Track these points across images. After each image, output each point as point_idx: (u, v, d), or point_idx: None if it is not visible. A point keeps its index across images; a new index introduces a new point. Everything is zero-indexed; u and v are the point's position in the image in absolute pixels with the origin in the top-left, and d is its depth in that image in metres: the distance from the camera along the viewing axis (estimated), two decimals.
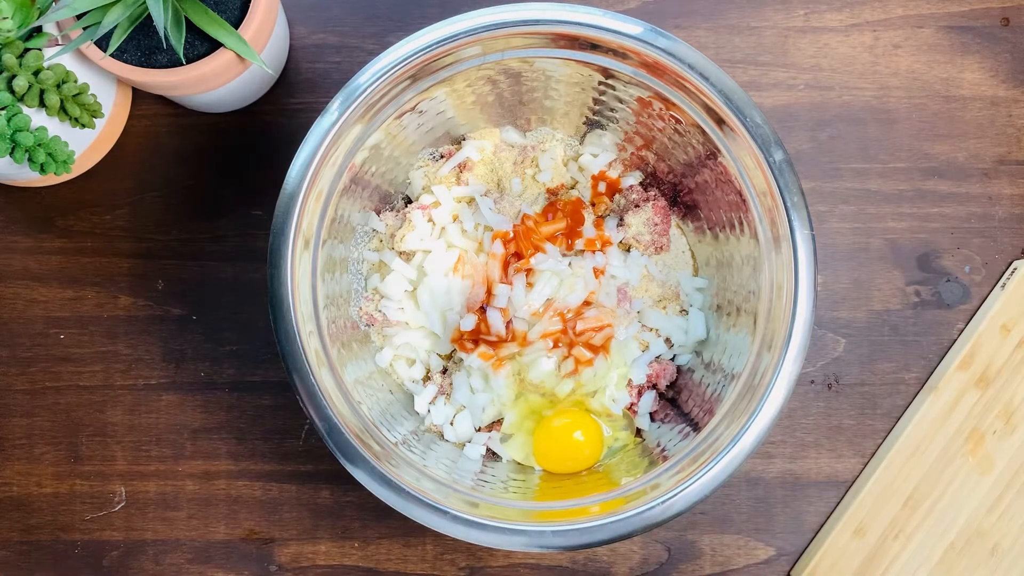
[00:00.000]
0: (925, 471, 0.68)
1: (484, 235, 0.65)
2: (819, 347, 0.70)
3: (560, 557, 0.69)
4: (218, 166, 0.72)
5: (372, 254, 0.67)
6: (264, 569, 0.69)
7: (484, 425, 0.65)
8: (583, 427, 0.63)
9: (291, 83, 0.73)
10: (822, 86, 0.72)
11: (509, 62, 0.60)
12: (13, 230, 0.72)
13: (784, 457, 0.70)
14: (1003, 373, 0.68)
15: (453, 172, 0.67)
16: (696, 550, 0.69)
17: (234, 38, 0.60)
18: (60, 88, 0.61)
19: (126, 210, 0.72)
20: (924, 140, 0.72)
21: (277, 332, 0.55)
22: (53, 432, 0.71)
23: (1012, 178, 0.72)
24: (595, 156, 0.68)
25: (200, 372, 0.71)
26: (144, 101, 0.73)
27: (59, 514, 0.70)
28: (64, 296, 0.71)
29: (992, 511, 0.68)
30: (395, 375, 0.67)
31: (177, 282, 0.71)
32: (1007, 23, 0.73)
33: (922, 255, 0.71)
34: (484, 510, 0.55)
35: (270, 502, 0.70)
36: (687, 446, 0.57)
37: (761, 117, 0.56)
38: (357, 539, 0.69)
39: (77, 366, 0.71)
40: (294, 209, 0.56)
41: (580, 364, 0.63)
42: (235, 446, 0.70)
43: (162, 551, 0.69)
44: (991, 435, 0.68)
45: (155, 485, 0.70)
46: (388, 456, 0.56)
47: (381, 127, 0.60)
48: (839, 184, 0.72)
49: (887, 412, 0.70)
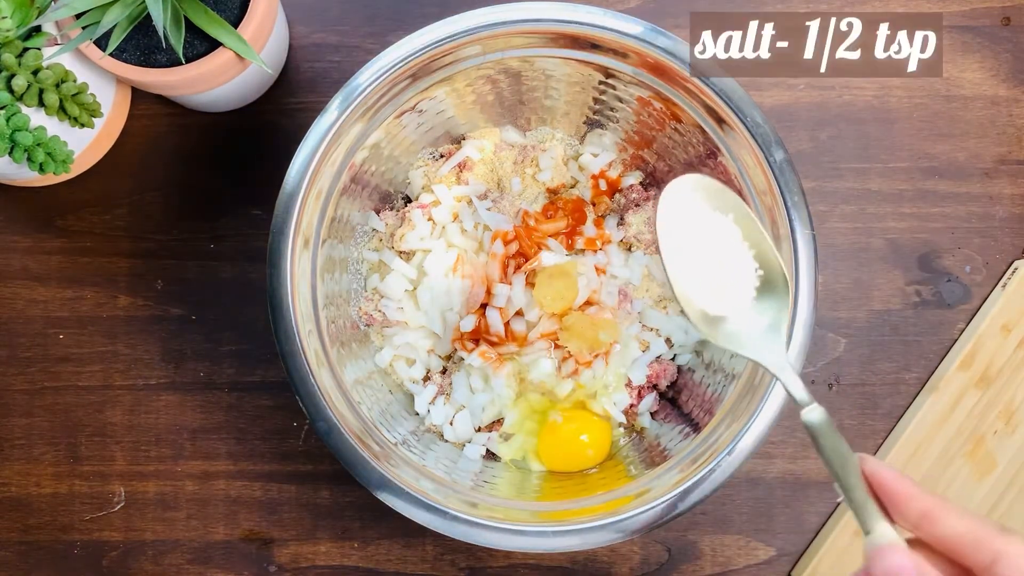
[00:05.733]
0: (926, 471, 0.68)
1: (484, 235, 0.65)
2: (819, 347, 0.70)
3: (560, 557, 0.69)
4: (217, 166, 0.72)
5: (372, 254, 0.67)
6: (263, 569, 0.69)
7: (484, 425, 0.65)
8: (589, 428, 0.63)
9: (291, 82, 0.73)
10: (822, 85, 0.72)
11: (509, 61, 0.60)
12: (12, 230, 0.72)
13: (785, 457, 0.69)
14: (1004, 373, 0.68)
15: (453, 172, 0.67)
16: (696, 550, 0.69)
17: (233, 37, 0.60)
18: (59, 87, 0.61)
19: (125, 210, 0.72)
20: (925, 140, 0.72)
21: (277, 332, 0.55)
22: (52, 432, 0.70)
23: (1013, 178, 0.72)
24: (595, 156, 0.68)
25: (199, 372, 0.71)
26: (143, 100, 0.73)
27: (58, 514, 0.70)
28: (63, 296, 0.71)
29: (993, 511, 0.67)
30: (395, 375, 0.67)
31: (176, 282, 0.71)
32: (1008, 23, 0.73)
33: (923, 255, 0.71)
34: (484, 510, 0.55)
35: (269, 502, 0.70)
36: (687, 446, 0.57)
37: (761, 116, 0.56)
38: (357, 539, 0.69)
39: (76, 366, 0.71)
40: (294, 208, 0.56)
41: (580, 365, 0.63)
42: (234, 446, 0.70)
43: (161, 551, 0.69)
44: (991, 435, 0.68)
45: (154, 485, 0.70)
46: (387, 456, 0.56)
47: (381, 126, 0.60)
48: (839, 184, 0.72)
49: (888, 412, 0.70)
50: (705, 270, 0.47)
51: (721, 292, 0.47)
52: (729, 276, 0.47)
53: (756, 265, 0.47)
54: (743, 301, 0.47)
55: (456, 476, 0.59)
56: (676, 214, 0.47)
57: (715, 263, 0.47)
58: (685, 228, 0.47)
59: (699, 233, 0.47)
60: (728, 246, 0.47)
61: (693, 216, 0.47)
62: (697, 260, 0.47)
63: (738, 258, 0.47)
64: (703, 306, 0.47)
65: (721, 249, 0.47)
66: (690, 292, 0.47)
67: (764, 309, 0.47)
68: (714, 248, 0.47)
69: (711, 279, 0.47)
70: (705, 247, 0.47)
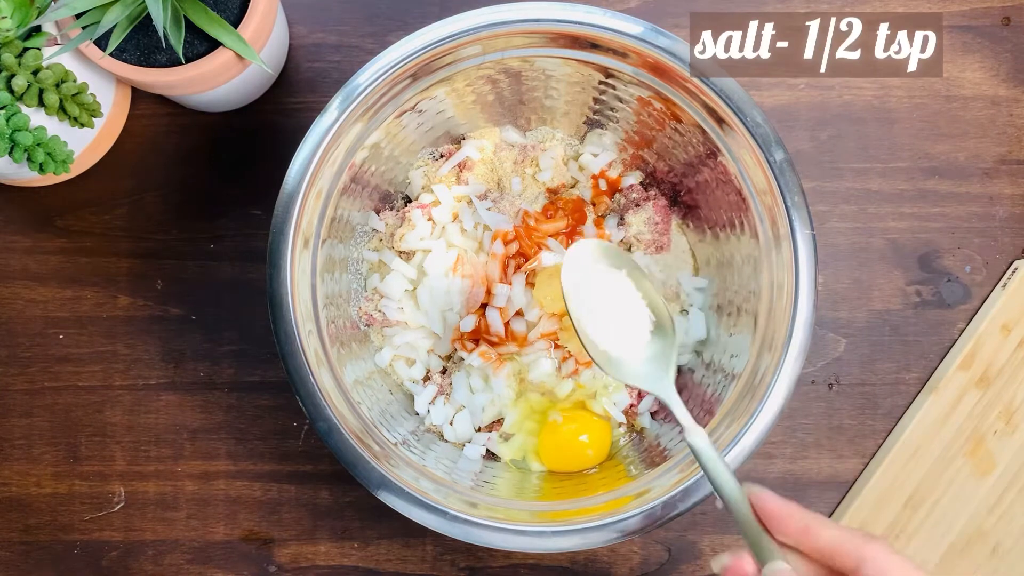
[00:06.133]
0: (926, 471, 0.68)
1: (484, 235, 0.65)
2: (820, 347, 0.70)
3: (560, 557, 0.69)
4: (217, 166, 0.72)
5: (372, 254, 0.67)
6: (263, 569, 0.69)
7: (484, 425, 0.65)
8: (589, 428, 0.63)
9: (291, 82, 0.73)
10: (822, 85, 0.72)
11: (509, 61, 0.60)
12: (12, 230, 0.72)
13: (785, 458, 0.69)
14: (1004, 373, 0.68)
15: (453, 171, 0.67)
16: (696, 550, 0.69)
17: (233, 37, 0.60)
18: (59, 87, 0.61)
19: (125, 210, 0.72)
20: (925, 140, 0.72)
21: (276, 332, 0.55)
22: (52, 432, 0.70)
23: (1013, 178, 0.72)
24: (595, 156, 0.68)
25: (199, 372, 0.71)
26: (143, 100, 0.73)
27: (58, 514, 0.70)
28: (63, 296, 0.71)
29: (993, 511, 0.67)
30: (395, 375, 0.67)
31: (176, 282, 0.71)
32: (1008, 23, 0.73)
33: (923, 255, 0.71)
34: (484, 510, 0.55)
35: (269, 502, 0.70)
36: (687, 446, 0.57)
37: (761, 116, 0.56)
38: (357, 539, 0.69)
39: (76, 366, 0.71)
40: (294, 208, 0.56)
41: (580, 365, 0.63)
42: (234, 446, 0.70)
43: (161, 551, 0.69)
44: (992, 435, 0.68)
45: (154, 485, 0.70)
46: (387, 456, 0.56)
47: (381, 126, 0.60)
48: (840, 184, 0.72)
49: (888, 412, 0.70)
50: (606, 318, 0.54)
51: (620, 335, 0.53)
52: (626, 322, 0.54)
53: (648, 312, 0.54)
54: (638, 342, 0.53)
55: (456, 476, 0.59)
56: (579, 273, 0.54)
57: (613, 312, 0.54)
58: (587, 284, 0.54)
59: (599, 288, 0.54)
60: (624, 297, 0.54)
61: (592, 274, 0.55)
62: (599, 310, 0.54)
63: (632, 306, 0.54)
64: (606, 348, 0.53)
65: (618, 300, 0.54)
66: (595, 337, 0.53)
67: (656, 347, 0.53)
68: (612, 299, 0.54)
69: (611, 326, 0.53)
70: (605, 299, 0.54)
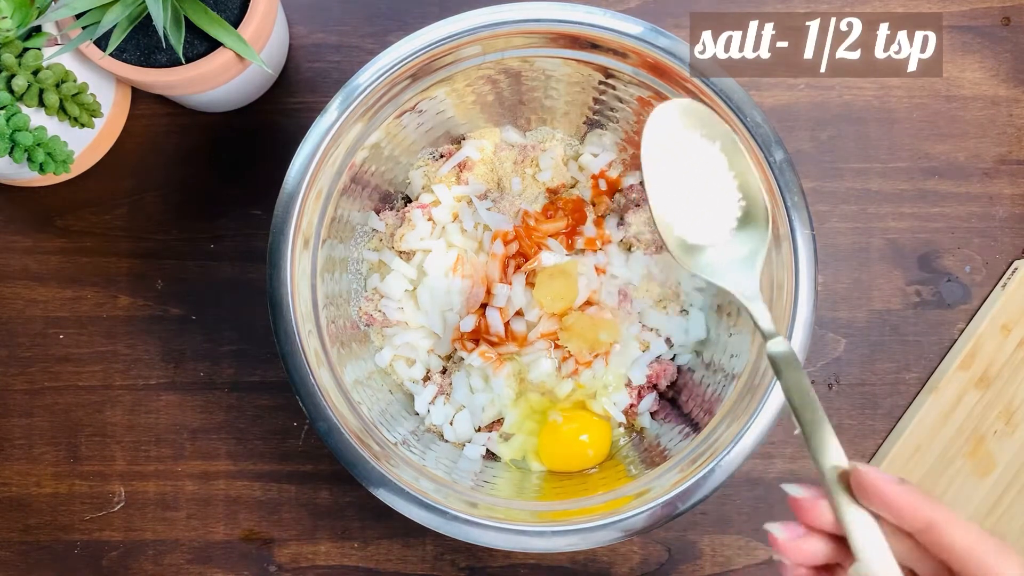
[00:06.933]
0: (926, 471, 0.68)
1: (484, 235, 0.65)
2: (819, 347, 0.70)
3: (560, 557, 0.69)
4: (217, 166, 0.72)
5: (372, 254, 0.67)
6: (263, 569, 0.69)
7: (484, 425, 0.65)
8: (589, 428, 0.63)
9: (291, 82, 0.73)
10: (822, 85, 0.72)
11: (509, 61, 0.60)
12: (12, 230, 0.72)
13: (785, 457, 0.69)
14: (1004, 373, 0.68)
15: (453, 171, 0.67)
16: (696, 550, 0.69)
17: (233, 37, 0.60)
18: (59, 87, 0.61)
19: (125, 210, 0.72)
20: (925, 140, 0.72)
21: (276, 332, 0.55)
22: (52, 432, 0.70)
23: (1013, 178, 0.72)
24: (595, 156, 0.68)
25: (199, 372, 0.71)
26: (143, 100, 0.73)
27: (58, 514, 0.70)
28: (63, 296, 0.71)
29: (993, 511, 0.67)
30: (395, 375, 0.67)
31: (176, 282, 0.71)
32: (1008, 23, 0.73)
33: (923, 255, 0.71)
34: (484, 510, 0.55)
35: (269, 502, 0.70)
36: (687, 446, 0.57)
37: (761, 116, 0.56)
38: (357, 539, 0.69)
39: (76, 366, 0.71)
40: (294, 208, 0.56)
41: (580, 365, 0.63)
42: (234, 446, 0.70)
43: (161, 551, 0.69)
44: (992, 435, 0.68)
45: (154, 485, 0.70)
46: (387, 456, 0.56)
47: (381, 126, 0.60)
48: (839, 184, 0.72)
49: (888, 412, 0.70)
50: (688, 198, 0.46)
51: (702, 222, 0.46)
52: (711, 206, 0.46)
53: (739, 196, 0.46)
54: (723, 232, 0.46)
55: (456, 476, 0.59)
56: (662, 139, 0.46)
57: (698, 192, 0.46)
58: (671, 154, 0.46)
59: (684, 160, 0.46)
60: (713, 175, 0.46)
61: (680, 142, 0.46)
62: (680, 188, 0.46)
63: (722, 188, 0.46)
64: (682, 234, 0.46)
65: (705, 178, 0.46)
66: (671, 219, 0.46)
67: (743, 241, 0.46)
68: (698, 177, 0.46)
69: (693, 208, 0.46)
70: (689, 175, 0.46)
